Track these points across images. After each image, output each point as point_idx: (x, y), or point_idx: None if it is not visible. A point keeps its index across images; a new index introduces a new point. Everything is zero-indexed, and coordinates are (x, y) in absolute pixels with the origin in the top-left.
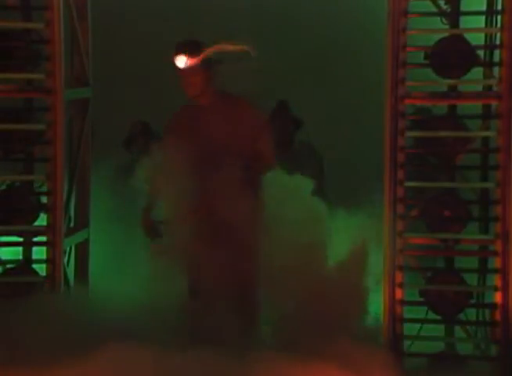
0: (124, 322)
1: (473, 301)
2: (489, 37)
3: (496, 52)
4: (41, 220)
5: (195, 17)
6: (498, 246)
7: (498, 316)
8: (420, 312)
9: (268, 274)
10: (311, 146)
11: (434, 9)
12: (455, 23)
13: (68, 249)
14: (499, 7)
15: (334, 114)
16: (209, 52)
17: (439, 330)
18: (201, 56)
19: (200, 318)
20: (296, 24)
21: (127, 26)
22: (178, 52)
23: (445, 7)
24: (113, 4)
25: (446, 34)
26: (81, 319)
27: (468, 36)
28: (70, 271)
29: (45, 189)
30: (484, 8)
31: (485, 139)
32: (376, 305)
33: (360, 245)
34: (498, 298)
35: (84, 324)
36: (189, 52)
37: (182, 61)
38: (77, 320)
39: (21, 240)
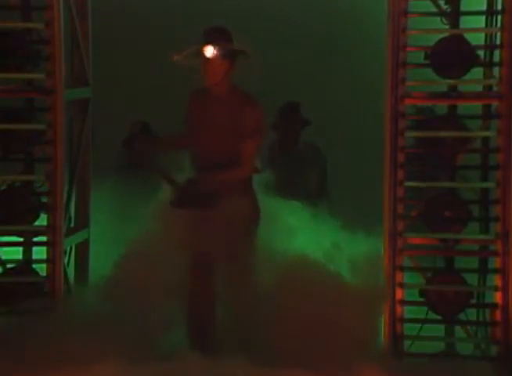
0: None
1: (473, 301)
2: (489, 37)
3: (496, 52)
4: (41, 220)
5: (195, 17)
6: (498, 246)
7: (498, 316)
8: (420, 312)
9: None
10: (316, 147)
11: (434, 9)
12: (455, 23)
13: (68, 249)
14: (499, 7)
15: (334, 114)
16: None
17: (439, 330)
18: (228, 46)
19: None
20: (295, 24)
21: (127, 26)
22: (208, 40)
23: (445, 7)
24: (113, 4)
25: (446, 34)
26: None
27: (468, 36)
28: (70, 271)
29: (45, 189)
30: (484, 8)
31: (485, 139)
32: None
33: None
34: (498, 298)
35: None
36: (218, 40)
37: (210, 51)
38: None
39: (21, 240)
